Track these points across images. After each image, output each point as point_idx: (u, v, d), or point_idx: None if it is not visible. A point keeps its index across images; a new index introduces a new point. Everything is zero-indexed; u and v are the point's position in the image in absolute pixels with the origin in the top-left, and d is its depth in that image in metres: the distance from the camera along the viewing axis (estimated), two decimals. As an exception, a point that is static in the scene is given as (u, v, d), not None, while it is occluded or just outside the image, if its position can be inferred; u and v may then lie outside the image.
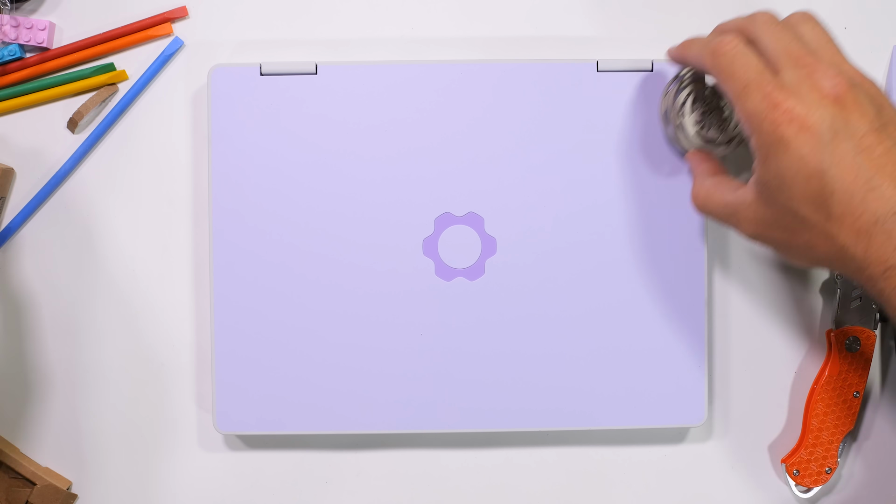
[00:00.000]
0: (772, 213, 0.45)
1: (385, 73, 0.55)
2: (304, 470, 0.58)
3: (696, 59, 0.49)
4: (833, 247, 0.43)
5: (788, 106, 0.43)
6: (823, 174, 0.42)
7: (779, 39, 0.46)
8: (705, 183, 0.51)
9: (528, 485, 0.58)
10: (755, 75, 0.45)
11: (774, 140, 0.43)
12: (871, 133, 0.43)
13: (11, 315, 0.58)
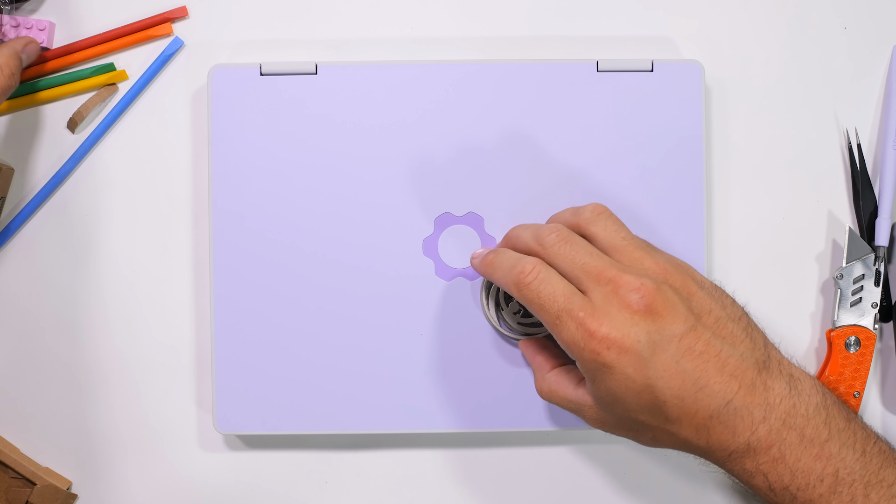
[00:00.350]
0: (612, 417, 0.46)
1: (385, 73, 0.55)
2: (303, 470, 0.58)
3: (502, 283, 0.48)
4: (676, 440, 0.45)
5: (603, 333, 0.43)
6: (652, 388, 0.43)
7: (572, 260, 0.46)
8: (546, 378, 0.51)
9: (528, 485, 0.58)
10: (564, 303, 0.45)
11: (597, 366, 0.44)
12: (686, 334, 0.43)
13: (11, 315, 0.58)
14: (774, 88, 0.58)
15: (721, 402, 0.43)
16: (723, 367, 0.44)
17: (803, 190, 0.58)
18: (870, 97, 0.58)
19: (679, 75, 0.55)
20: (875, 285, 0.56)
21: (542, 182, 0.55)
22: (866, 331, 0.56)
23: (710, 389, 0.43)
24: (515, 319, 0.54)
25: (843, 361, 0.56)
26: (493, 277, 0.49)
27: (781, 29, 0.58)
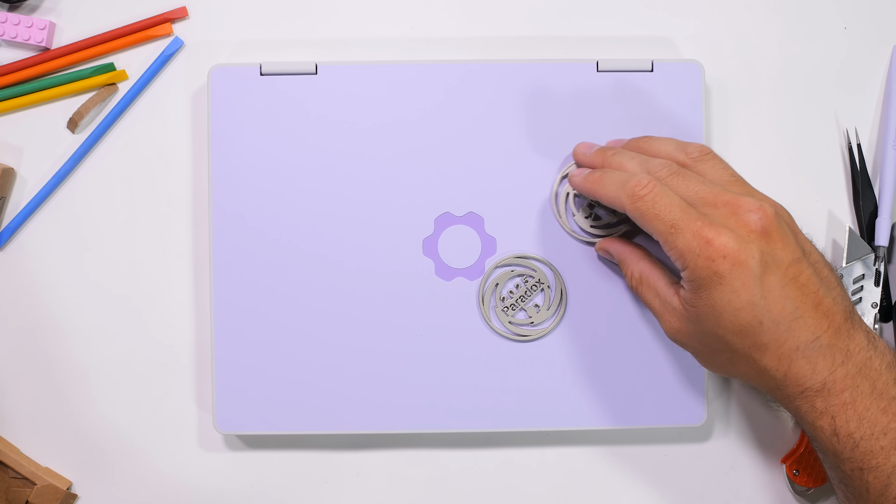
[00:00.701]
0: (696, 328, 0.47)
1: (385, 73, 0.55)
2: (303, 470, 0.58)
3: (611, 198, 0.49)
4: (753, 368, 0.46)
5: (721, 242, 0.44)
6: (754, 306, 0.44)
7: (686, 188, 0.47)
8: (640, 263, 0.51)
9: (529, 485, 0.58)
10: (681, 213, 0.46)
11: (709, 275, 0.44)
12: (794, 263, 0.45)
13: (11, 314, 0.58)
14: (774, 88, 0.58)
15: (811, 336, 0.44)
16: (818, 305, 0.45)
17: (803, 190, 0.58)
18: (870, 97, 0.58)
19: (679, 75, 0.55)
20: (875, 285, 0.56)
21: (543, 182, 0.55)
22: (867, 331, 0.56)
23: (804, 321, 0.44)
24: (588, 223, 0.55)
25: (844, 361, 0.56)
26: (601, 192, 0.49)
27: (781, 29, 0.58)
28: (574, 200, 0.55)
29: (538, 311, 0.55)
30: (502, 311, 0.55)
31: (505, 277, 0.55)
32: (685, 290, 0.46)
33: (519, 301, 0.55)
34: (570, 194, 0.55)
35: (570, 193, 0.55)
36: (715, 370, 0.49)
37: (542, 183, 0.55)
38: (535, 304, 0.55)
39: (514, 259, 0.55)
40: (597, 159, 0.52)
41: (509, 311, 0.55)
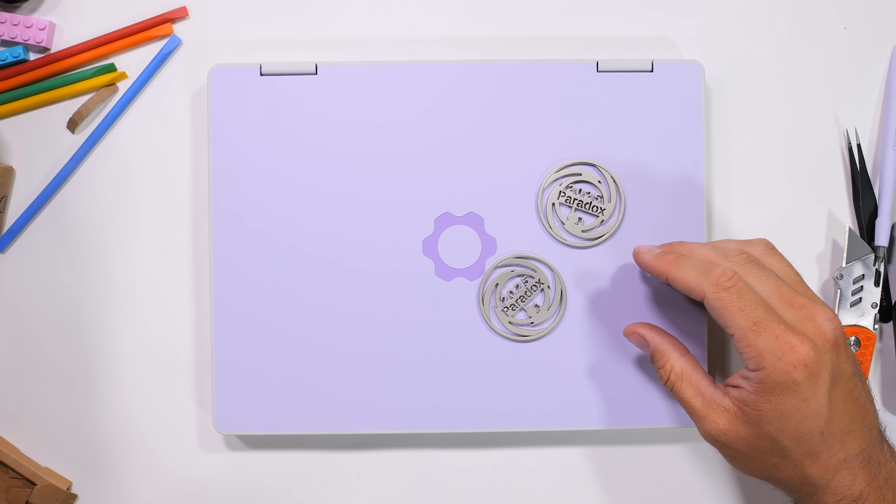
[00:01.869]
0: (749, 431, 0.46)
1: (385, 74, 0.55)
2: (304, 470, 0.58)
3: (690, 284, 0.48)
4: (798, 474, 0.46)
5: (805, 351, 0.44)
6: (819, 416, 0.45)
7: (764, 280, 0.47)
8: (680, 360, 0.50)
9: (528, 485, 0.58)
10: (765, 312, 0.45)
11: (787, 380, 0.44)
12: (853, 377, 0.46)
13: (12, 314, 0.58)
14: (774, 88, 0.58)
15: (858, 449, 0.46)
16: (864, 419, 0.46)
17: (803, 190, 0.58)
18: (870, 97, 0.58)
19: (679, 75, 0.55)
20: (875, 285, 0.56)
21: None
22: (866, 331, 0.56)
23: (855, 434, 0.46)
24: (578, 230, 0.55)
25: (844, 361, 0.56)
26: (678, 275, 0.49)
27: (781, 29, 0.58)
28: (560, 208, 0.55)
29: (538, 311, 0.55)
30: (502, 311, 0.55)
31: (505, 278, 0.55)
32: (749, 391, 0.46)
33: (519, 301, 0.55)
34: (555, 203, 0.55)
35: (555, 203, 0.55)
36: (750, 472, 0.48)
37: (541, 183, 0.55)
38: (535, 304, 0.55)
39: (514, 259, 0.55)
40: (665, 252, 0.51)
41: (509, 312, 0.55)
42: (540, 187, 0.55)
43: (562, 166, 0.55)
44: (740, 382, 0.47)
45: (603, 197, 0.55)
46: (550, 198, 0.55)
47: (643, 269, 0.52)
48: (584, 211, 0.55)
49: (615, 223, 0.55)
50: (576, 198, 0.55)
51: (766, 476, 0.48)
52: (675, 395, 0.50)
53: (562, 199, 0.55)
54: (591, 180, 0.55)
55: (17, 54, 0.57)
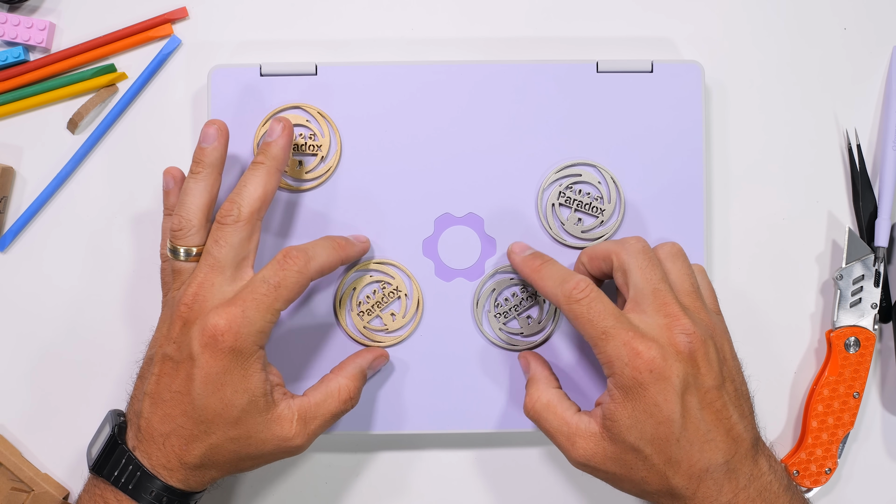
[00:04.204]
0: (614, 448, 0.47)
1: (385, 74, 0.55)
2: (303, 470, 0.58)
3: (548, 293, 0.50)
4: (665, 485, 0.47)
5: (650, 356, 0.46)
6: (672, 422, 0.46)
7: (648, 278, 0.48)
8: (548, 392, 0.51)
9: (529, 485, 0.58)
10: (613, 321, 0.47)
11: (635, 384, 0.46)
12: (713, 389, 0.47)
13: (13, 315, 0.58)
14: (774, 89, 0.58)
15: (721, 459, 0.46)
16: (729, 431, 0.47)
17: (803, 190, 0.58)
18: (870, 98, 0.58)
19: (679, 76, 0.55)
20: (875, 286, 0.56)
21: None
22: (866, 331, 0.56)
23: (716, 444, 0.46)
24: (578, 230, 0.55)
25: (843, 362, 0.56)
26: (539, 283, 0.51)
27: (781, 30, 0.58)
28: (560, 209, 0.55)
29: (529, 323, 0.55)
30: (494, 317, 0.55)
31: (503, 285, 0.55)
32: (607, 402, 0.47)
33: (512, 310, 0.55)
34: (555, 204, 0.55)
35: (555, 203, 0.55)
36: (624, 489, 0.49)
37: (541, 184, 0.55)
38: (528, 315, 0.55)
39: (502, 274, 0.55)
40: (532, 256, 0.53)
41: (501, 318, 0.55)
42: (540, 188, 0.55)
43: (562, 167, 0.55)
44: (602, 398, 0.48)
45: (603, 198, 0.55)
46: (550, 198, 0.55)
47: (514, 267, 0.53)
48: (584, 212, 0.55)
49: (615, 224, 0.55)
50: (575, 198, 0.55)
51: (638, 493, 0.49)
52: (538, 424, 0.51)
53: (561, 200, 0.55)
54: (591, 181, 0.55)
55: (17, 54, 0.57)
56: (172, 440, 0.47)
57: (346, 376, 0.51)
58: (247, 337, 0.46)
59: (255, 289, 0.47)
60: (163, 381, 0.48)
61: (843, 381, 0.56)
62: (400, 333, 0.55)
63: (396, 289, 0.55)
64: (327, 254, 0.50)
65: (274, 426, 0.48)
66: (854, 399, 0.56)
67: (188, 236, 0.50)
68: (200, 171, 0.50)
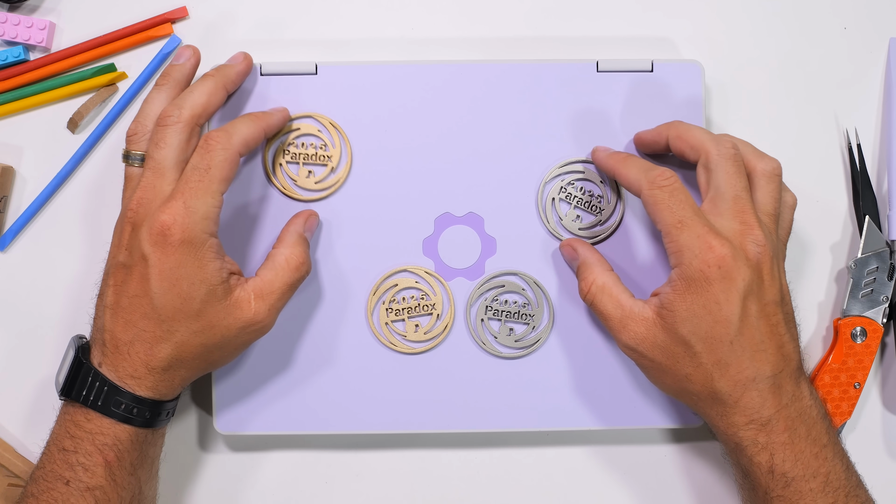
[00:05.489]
0: (665, 337, 0.48)
1: (385, 74, 0.55)
2: (304, 470, 0.58)
3: (630, 179, 0.50)
4: (708, 387, 0.48)
5: (721, 252, 0.46)
6: (730, 324, 0.46)
7: (733, 184, 0.49)
8: (603, 275, 0.52)
9: (528, 485, 0.58)
10: (691, 213, 0.47)
11: (700, 277, 0.46)
12: (772, 303, 0.48)
13: (12, 314, 0.58)
14: (774, 89, 0.58)
15: (769, 371, 0.47)
16: (780, 347, 0.48)
17: (803, 190, 0.58)
18: (870, 97, 0.58)
19: (679, 75, 0.55)
20: (888, 279, 0.56)
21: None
22: (874, 323, 0.56)
23: (767, 355, 0.47)
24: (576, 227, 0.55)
25: (848, 351, 0.56)
26: (622, 171, 0.51)
27: (781, 29, 0.59)
28: (560, 204, 0.55)
29: (523, 332, 0.55)
30: (490, 319, 0.55)
31: (498, 291, 0.55)
32: (667, 292, 0.48)
33: (506, 314, 0.55)
34: (555, 199, 0.55)
35: (555, 198, 0.55)
36: (666, 387, 0.50)
37: (544, 177, 0.55)
38: (522, 325, 0.55)
39: (504, 276, 0.55)
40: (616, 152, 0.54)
41: (495, 320, 0.55)
42: (542, 181, 0.55)
43: (566, 162, 0.55)
44: (661, 289, 0.49)
45: (603, 197, 0.55)
46: (551, 192, 0.55)
47: (597, 166, 0.54)
48: (584, 209, 0.55)
49: (613, 224, 0.55)
50: (576, 195, 0.55)
51: (680, 390, 0.49)
52: (594, 307, 0.51)
53: (562, 195, 0.55)
54: (593, 179, 0.55)
55: (17, 54, 0.57)
56: (136, 346, 0.48)
57: (288, 245, 0.51)
58: (193, 226, 0.47)
59: (188, 179, 0.47)
60: (120, 289, 0.48)
61: (845, 369, 0.56)
62: (415, 346, 0.55)
63: (433, 305, 0.55)
64: (247, 126, 0.50)
65: (234, 311, 0.48)
66: (854, 389, 0.56)
67: (141, 141, 0.50)
68: (165, 83, 0.52)
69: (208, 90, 0.50)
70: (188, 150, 0.49)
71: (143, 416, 0.48)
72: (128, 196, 0.50)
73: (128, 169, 0.51)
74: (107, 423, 0.48)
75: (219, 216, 0.48)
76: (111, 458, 0.48)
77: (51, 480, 0.48)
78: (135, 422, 0.48)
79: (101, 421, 0.48)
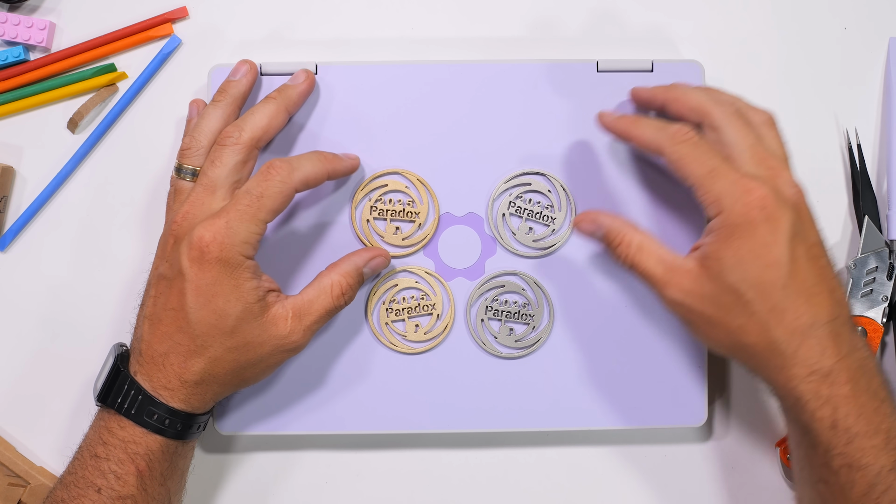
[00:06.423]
0: (713, 287, 0.46)
1: (385, 74, 0.55)
2: (304, 470, 0.58)
3: (648, 139, 0.49)
4: (764, 338, 0.45)
5: (762, 193, 0.45)
6: (781, 266, 0.44)
7: (745, 136, 0.47)
8: (637, 234, 0.49)
9: (529, 485, 0.58)
10: (720, 161, 0.46)
11: (744, 221, 0.45)
12: (817, 245, 0.46)
13: (12, 314, 0.58)
14: (774, 88, 0.58)
15: (826, 317, 0.44)
16: (832, 291, 0.45)
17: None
18: (870, 97, 0.58)
19: (679, 75, 0.55)
20: (888, 279, 0.56)
21: (543, 182, 0.55)
22: (874, 323, 0.56)
23: (821, 299, 0.45)
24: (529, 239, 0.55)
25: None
26: (636, 132, 0.50)
27: (781, 29, 0.59)
28: (510, 218, 0.55)
29: (525, 330, 0.55)
30: (490, 319, 0.55)
31: (497, 292, 0.55)
32: (709, 242, 0.46)
33: (506, 314, 0.55)
34: (505, 214, 0.55)
35: (505, 214, 0.55)
36: (718, 343, 0.47)
37: (542, 183, 0.55)
38: (522, 324, 0.55)
39: (503, 276, 0.55)
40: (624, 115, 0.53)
41: (495, 320, 0.55)
42: (490, 197, 0.55)
43: (511, 176, 0.55)
44: (702, 241, 0.47)
45: (553, 206, 0.55)
46: (500, 208, 0.55)
47: (606, 130, 0.52)
48: (535, 220, 0.55)
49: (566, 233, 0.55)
50: (527, 208, 0.55)
51: (733, 345, 0.46)
52: (635, 269, 0.49)
53: (512, 210, 0.55)
54: (541, 189, 0.55)
55: (17, 54, 0.57)
56: (171, 358, 0.48)
57: (340, 273, 0.51)
58: (231, 247, 0.47)
59: (238, 201, 0.47)
60: (159, 301, 0.49)
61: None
62: (415, 346, 0.55)
63: (433, 305, 0.55)
64: (312, 165, 0.50)
65: (270, 327, 0.48)
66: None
67: (195, 156, 0.50)
68: (222, 99, 0.52)
69: (270, 113, 0.50)
70: (242, 172, 0.49)
71: (174, 428, 0.48)
72: (175, 209, 0.50)
73: (178, 182, 0.51)
74: (139, 433, 0.48)
75: (258, 243, 0.48)
76: (143, 467, 0.48)
77: (82, 487, 0.48)
78: (167, 433, 0.48)
79: (134, 430, 0.48)
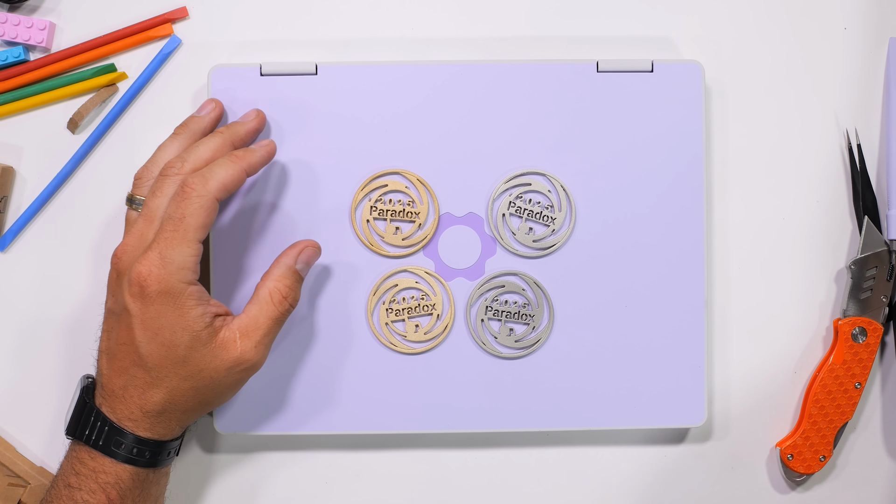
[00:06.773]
0: None
1: (385, 74, 0.55)
2: (304, 470, 0.58)
3: None
4: None
5: None
6: None
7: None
8: None
9: (529, 485, 0.58)
10: None
11: None
12: None
13: (12, 314, 0.58)
14: (775, 89, 0.58)
15: None
16: None
17: (803, 190, 0.58)
18: (870, 97, 0.58)
19: (679, 76, 0.55)
20: (888, 279, 0.56)
21: (543, 182, 0.55)
22: (874, 323, 0.56)
23: None
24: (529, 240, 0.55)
25: (848, 351, 0.56)
26: None
27: (782, 29, 0.59)
28: (510, 218, 0.55)
29: (524, 330, 0.55)
30: (490, 319, 0.55)
31: (497, 292, 0.55)
32: None
33: (506, 314, 0.55)
34: (505, 214, 0.55)
35: (505, 214, 0.55)
36: None
37: (541, 183, 0.55)
38: (526, 323, 0.55)
39: (503, 276, 0.55)
40: None
41: (495, 320, 0.55)
42: (490, 197, 0.55)
43: (511, 177, 0.55)
44: None
45: (553, 206, 0.55)
46: (500, 209, 0.55)
47: None
48: (535, 221, 0.55)
49: (566, 233, 0.55)
50: (526, 208, 0.55)
51: None
52: None
53: (512, 210, 0.55)
54: (541, 189, 0.55)
55: (17, 54, 0.57)
56: (130, 391, 0.48)
57: (274, 279, 0.50)
58: (169, 277, 0.47)
59: (163, 229, 0.47)
60: (112, 336, 0.49)
61: (846, 369, 0.56)
62: (415, 346, 0.55)
63: (433, 305, 0.55)
64: (226, 170, 0.49)
65: (220, 352, 0.48)
66: (856, 389, 0.56)
67: (145, 186, 0.51)
68: (181, 132, 0.52)
69: (214, 147, 0.50)
70: None
71: (143, 457, 0.49)
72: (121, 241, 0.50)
73: (129, 212, 0.51)
74: (108, 463, 0.48)
75: (197, 264, 0.48)
76: (113, 496, 0.48)
77: None
78: (137, 462, 0.49)
79: (104, 460, 0.48)
